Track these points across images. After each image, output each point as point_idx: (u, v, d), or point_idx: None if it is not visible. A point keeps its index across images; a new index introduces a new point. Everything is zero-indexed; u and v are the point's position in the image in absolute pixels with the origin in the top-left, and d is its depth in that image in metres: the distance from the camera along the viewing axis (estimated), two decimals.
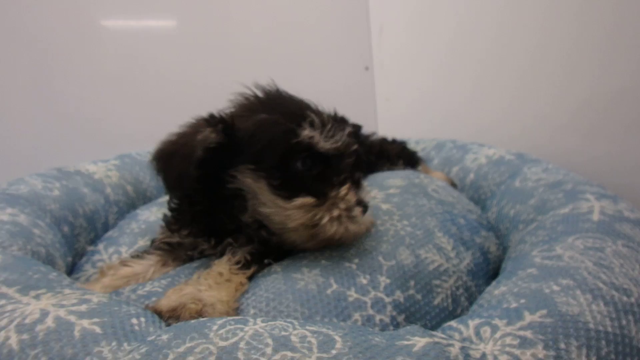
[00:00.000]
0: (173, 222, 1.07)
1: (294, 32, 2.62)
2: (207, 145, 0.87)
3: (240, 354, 0.57)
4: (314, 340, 0.60)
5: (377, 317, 0.82)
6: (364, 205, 0.91)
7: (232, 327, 0.62)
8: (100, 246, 1.26)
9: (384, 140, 1.71)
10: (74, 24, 2.26)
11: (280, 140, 0.88)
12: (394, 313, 0.83)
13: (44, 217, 1.16)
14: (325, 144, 0.88)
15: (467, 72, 2.14)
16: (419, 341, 0.60)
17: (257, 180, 0.89)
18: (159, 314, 0.75)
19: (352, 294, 0.84)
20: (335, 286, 0.85)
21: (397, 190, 1.21)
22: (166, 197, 1.60)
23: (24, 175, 1.31)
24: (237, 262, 0.91)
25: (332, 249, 0.97)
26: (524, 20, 1.77)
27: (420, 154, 1.86)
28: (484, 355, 0.59)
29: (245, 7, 2.50)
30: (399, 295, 0.86)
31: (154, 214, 1.42)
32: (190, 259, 1.04)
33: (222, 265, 0.90)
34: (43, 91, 2.25)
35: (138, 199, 1.64)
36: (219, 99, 1.02)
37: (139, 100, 2.39)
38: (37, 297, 0.70)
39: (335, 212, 0.88)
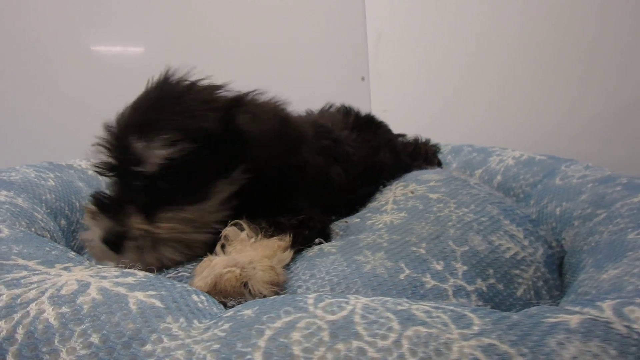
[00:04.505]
0: None
1: (289, 40, 2.52)
2: None
3: (360, 329, 0.43)
4: (444, 316, 0.46)
5: None
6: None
7: (331, 300, 0.48)
8: None
9: (417, 140, 1.63)
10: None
11: None
12: (480, 303, 0.71)
13: (40, 205, 1.00)
14: None
15: (460, 83, 2.10)
16: (570, 318, 0.47)
17: None
18: None
19: (429, 281, 0.71)
20: (407, 271, 0.72)
21: (438, 182, 1.09)
22: None
23: None
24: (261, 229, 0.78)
25: (391, 232, 0.84)
26: (538, 26, 1.75)
27: None
28: None
29: (246, 8, 2.39)
30: (480, 284, 0.73)
31: None
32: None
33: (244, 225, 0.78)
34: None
35: None
36: None
37: None
38: (66, 269, 0.55)
39: None
